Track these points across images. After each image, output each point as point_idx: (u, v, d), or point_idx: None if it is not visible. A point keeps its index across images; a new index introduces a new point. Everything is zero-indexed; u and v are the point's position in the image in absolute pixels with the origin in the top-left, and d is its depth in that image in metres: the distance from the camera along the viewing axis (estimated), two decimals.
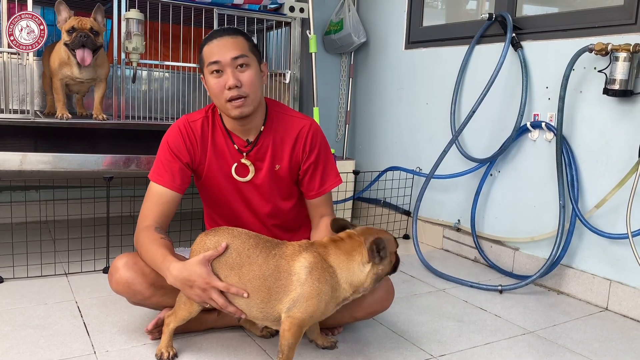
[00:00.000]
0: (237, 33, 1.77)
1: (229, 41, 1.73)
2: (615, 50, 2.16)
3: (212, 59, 1.72)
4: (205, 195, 1.97)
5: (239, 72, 1.73)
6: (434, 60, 3.19)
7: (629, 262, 2.24)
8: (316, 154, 1.89)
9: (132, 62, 2.52)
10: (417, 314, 2.17)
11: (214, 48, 1.73)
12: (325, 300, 1.55)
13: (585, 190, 2.40)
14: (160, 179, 1.80)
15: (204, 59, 1.76)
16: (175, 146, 1.83)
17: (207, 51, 1.75)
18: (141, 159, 2.39)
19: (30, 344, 1.76)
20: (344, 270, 1.57)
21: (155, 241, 1.69)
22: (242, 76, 1.73)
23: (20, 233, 2.60)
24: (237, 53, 1.72)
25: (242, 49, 1.74)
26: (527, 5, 2.83)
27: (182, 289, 1.60)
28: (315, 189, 1.91)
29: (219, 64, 1.72)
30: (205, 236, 1.68)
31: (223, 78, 1.72)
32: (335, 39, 3.65)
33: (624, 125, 2.25)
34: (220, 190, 1.90)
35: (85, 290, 2.25)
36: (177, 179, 1.81)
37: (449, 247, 3.10)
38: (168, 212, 1.80)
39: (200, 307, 1.64)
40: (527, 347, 1.92)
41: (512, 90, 2.71)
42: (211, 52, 1.73)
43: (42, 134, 2.73)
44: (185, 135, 1.84)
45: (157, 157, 1.85)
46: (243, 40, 1.76)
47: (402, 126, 3.43)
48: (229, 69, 1.72)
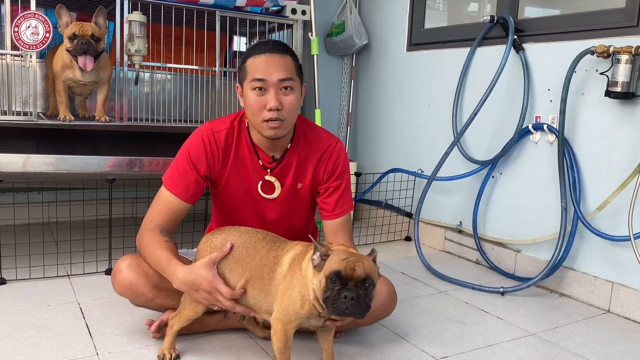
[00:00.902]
0: (286, 51, 1.71)
1: (278, 60, 1.67)
2: (617, 53, 2.16)
3: (258, 76, 1.66)
4: (219, 204, 1.93)
5: (282, 95, 1.67)
6: (436, 62, 3.19)
7: (631, 264, 2.24)
8: (338, 174, 1.86)
9: (135, 64, 2.52)
10: (419, 316, 2.17)
11: (262, 64, 1.66)
12: (296, 297, 1.49)
13: (587, 193, 2.40)
14: (174, 187, 1.77)
15: (248, 71, 1.69)
16: (196, 156, 1.78)
17: (252, 65, 1.68)
18: (143, 161, 2.39)
19: (32, 345, 1.77)
20: (309, 272, 1.51)
21: (159, 244, 1.68)
22: (285, 99, 1.68)
23: (22, 235, 2.61)
24: (284, 75, 1.66)
25: (290, 71, 1.68)
26: (529, 8, 2.83)
27: (189, 292, 1.60)
28: (330, 210, 1.85)
29: (265, 82, 1.66)
30: (212, 235, 1.70)
31: (265, 97, 1.66)
32: (337, 41, 3.66)
33: (626, 128, 2.25)
34: (236, 202, 1.87)
35: (87, 292, 2.25)
36: (191, 190, 1.77)
37: (451, 249, 3.10)
38: (176, 219, 1.79)
39: (204, 308, 1.65)
40: (529, 349, 1.92)
41: (513, 93, 2.71)
42: (257, 68, 1.66)
43: (44, 136, 2.73)
44: (208, 146, 1.78)
45: (174, 161, 1.80)
46: (291, 61, 1.71)
47: (404, 128, 3.43)
48: (273, 89, 1.66)
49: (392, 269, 2.73)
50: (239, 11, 2.76)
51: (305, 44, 3.02)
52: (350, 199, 1.90)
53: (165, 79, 3.13)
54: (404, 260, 2.90)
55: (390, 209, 3.48)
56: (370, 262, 1.47)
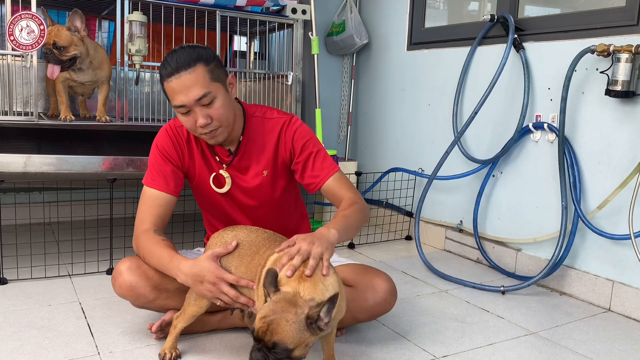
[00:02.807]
0: (192, 62, 1.64)
1: (187, 79, 1.63)
2: (618, 52, 2.16)
3: (177, 103, 1.65)
4: (200, 199, 1.96)
5: (207, 109, 1.67)
6: (436, 61, 3.19)
7: (631, 263, 2.24)
8: (301, 147, 1.83)
9: (135, 64, 2.52)
10: (420, 315, 2.18)
11: (175, 88, 1.64)
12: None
13: (587, 191, 2.40)
14: (153, 182, 1.80)
15: (168, 96, 1.70)
16: (165, 149, 1.82)
17: (168, 90, 1.67)
18: (144, 161, 2.39)
19: (34, 345, 1.77)
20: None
21: (158, 243, 1.69)
22: (211, 112, 1.67)
23: (24, 234, 2.61)
24: (199, 93, 1.64)
25: (203, 83, 1.64)
26: (529, 7, 2.83)
27: (193, 285, 1.61)
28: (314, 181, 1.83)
29: (185, 106, 1.66)
30: (223, 232, 1.72)
31: (192, 116, 1.68)
32: (338, 40, 3.66)
33: (626, 126, 2.25)
34: (212, 194, 1.89)
35: (88, 292, 2.26)
36: (171, 181, 1.80)
37: (452, 248, 3.11)
38: (164, 214, 1.80)
39: (209, 303, 1.65)
40: (529, 348, 1.93)
41: (514, 92, 2.71)
42: (173, 93, 1.65)
43: (45, 136, 2.74)
44: (174, 138, 1.83)
45: (149, 162, 1.84)
46: (202, 70, 1.64)
47: (405, 127, 3.44)
48: (196, 108, 1.66)
49: (393, 268, 2.73)
50: (239, 11, 2.77)
51: (306, 43, 3.02)
52: (331, 162, 1.85)
53: None
54: (404, 259, 2.91)
55: (391, 208, 3.49)
56: (292, 327, 1.33)
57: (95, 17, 3.12)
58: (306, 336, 1.35)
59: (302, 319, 1.34)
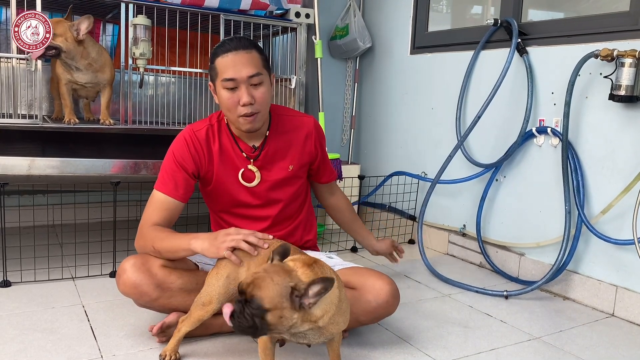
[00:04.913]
0: (251, 46, 1.77)
1: (244, 57, 1.73)
2: (621, 56, 2.16)
3: (228, 76, 1.72)
4: (214, 201, 1.98)
5: (253, 90, 1.75)
6: (440, 65, 3.20)
7: (635, 268, 2.23)
8: (321, 146, 2.02)
9: (139, 67, 2.53)
10: (423, 319, 2.17)
11: (229, 63, 1.72)
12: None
13: (591, 196, 2.39)
14: (163, 187, 1.83)
15: (218, 72, 1.76)
16: (181, 156, 1.85)
17: (221, 64, 1.74)
18: (148, 164, 2.41)
19: (37, 347, 1.77)
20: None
21: (167, 231, 1.77)
22: (256, 93, 1.75)
23: (27, 237, 2.62)
24: (253, 71, 1.73)
25: (257, 65, 1.75)
26: (533, 11, 2.84)
27: (210, 245, 1.66)
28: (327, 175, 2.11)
29: (235, 80, 1.73)
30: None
31: (237, 94, 1.74)
32: (341, 44, 3.67)
33: (630, 131, 2.24)
34: (231, 195, 1.92)
35: (92, 294, 2.26)
36: (180, 188, 1.83)
37: (455, 252, 3.10)
38: (170, 218, 1.83)
39: (216, 307, 1.64)
40: (533, 353, 1.92)
41: (517, 96, 2.71)
42: (226, 67, 1.73)
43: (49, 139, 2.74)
44: (191, 144, 1.86)
45: (162, 167, 1.87)
46: (257, 55, 1.76)
47: (408, 131, 3.44)
48: (243, 85, 1.73)
49: (396, 272, 2.73)
50: (243, 14, 2.78)
51: (309, 47, 3.03)
52: (332, 169, 2.14)
53: (169, 82, 3.14)
54: (407, 263, 2.90)
55: (394, 212, 3.48)
56: (275, 287, 1.32)
57: (99, 20, 3.14)
58: (285, 304, 1.32)
59: (288, 287, 1.33)
